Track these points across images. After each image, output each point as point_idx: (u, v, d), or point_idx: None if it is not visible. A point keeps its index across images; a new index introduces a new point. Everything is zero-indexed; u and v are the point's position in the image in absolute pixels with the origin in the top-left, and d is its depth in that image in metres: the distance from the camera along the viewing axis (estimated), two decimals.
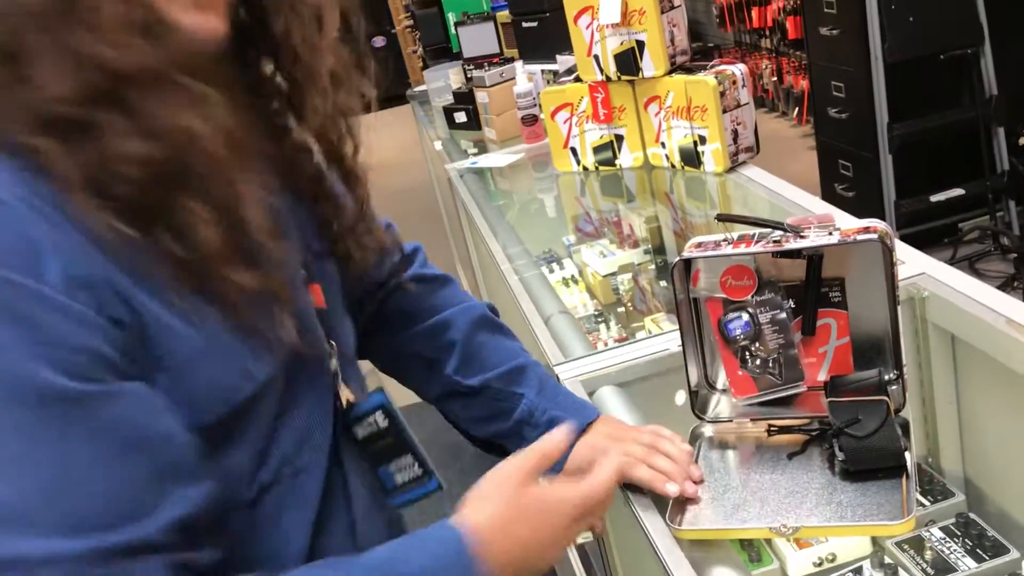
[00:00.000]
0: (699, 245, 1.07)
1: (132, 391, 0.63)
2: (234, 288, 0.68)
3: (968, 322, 1.19)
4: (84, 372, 0.60)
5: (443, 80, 3.28)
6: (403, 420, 0.90)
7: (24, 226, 0.60)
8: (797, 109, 5.23)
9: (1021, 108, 3.46)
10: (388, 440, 0.90)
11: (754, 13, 5.44)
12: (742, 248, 1.04)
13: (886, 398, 0.99)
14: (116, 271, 0.63)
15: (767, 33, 5.47)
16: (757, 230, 1.06)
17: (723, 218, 1.09)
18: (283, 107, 0.85)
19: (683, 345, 1.08)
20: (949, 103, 3.53)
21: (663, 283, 1.95)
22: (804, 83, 4.99)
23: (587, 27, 2.00)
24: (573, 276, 2.09)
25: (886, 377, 1.04)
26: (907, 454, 0.94)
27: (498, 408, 1.02)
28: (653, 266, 2.02)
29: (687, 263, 1.07)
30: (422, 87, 3.52)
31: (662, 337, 1.30)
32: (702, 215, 1.95)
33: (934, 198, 3.55)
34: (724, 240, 1.06)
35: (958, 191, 3.55)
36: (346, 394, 0.88)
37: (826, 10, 3.66)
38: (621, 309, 1.96)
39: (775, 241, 1.02)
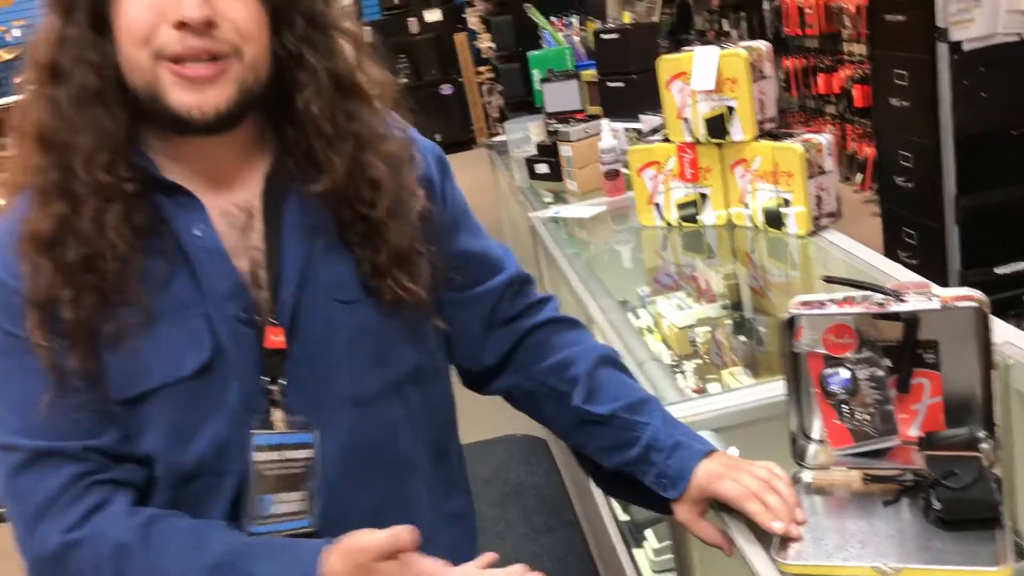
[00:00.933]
0: (804, 303, 1.16)
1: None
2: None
3: None
4: None
5: (522, 132, 3.41)
6: (315, 465, 0.99)
7: None
8: (860, 175, 5.29)
9: None
10: (290, 474, 0.99)
11: (820, 79, 5.53)
12: (846, 308, 1.12)
13: (979, 454, 1.06)
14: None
15: (833, 100, 5.55)
16: (860, 292, 1.14)
17: (830, 280, 1.18)
18: (304, 163, 0.99)
19: (787, 395, 1.17)
20: (1019, 177, 3.58)
21: (741, 338, 2.03)
22: (868, 150, 5.06)
23: (679, 91, 2.11)
24: (648, 326, 2.18)
25: (977, 435, 1.11)
26: (999, 509, 1.01)
27: (626, 436, 1.11)
28: (730, 321, 2.10)
29: (792, 319, 1.16)
30: (501, 137, 3.66)
31: (758, 387, 1.39)
32: (783, 275, 2.03)
33: (999, 270, 3.58)
34: (829, 300, 1.15)
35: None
36: (278, 418, 0.98)
37: (896, 81, 3.75)
38: (697, 361, 2.04)
39: (878, 304, 1.11)
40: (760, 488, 1.05)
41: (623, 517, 2.30)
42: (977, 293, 1.09)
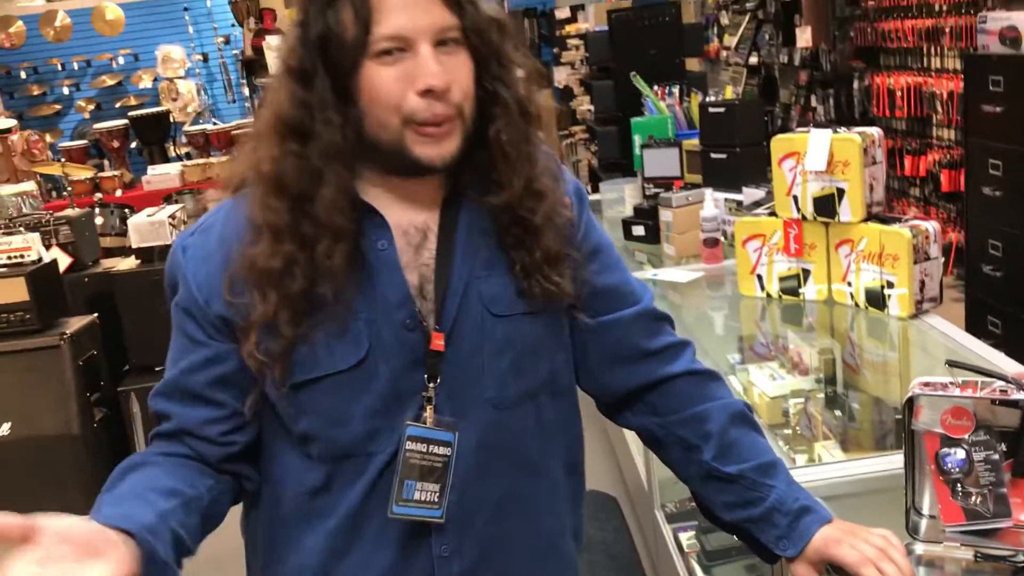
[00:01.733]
0: (926, 384, 1.23)
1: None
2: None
3: None
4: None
5: (618, 193, 3.53)
6: (452, 459, 1.11)
7: None
8: (944, 261, 5.29)
9: None
10: (432, 466, 1.10)
11: (907, 161, 5.56)
12: (968, 392, 1.19)
13: None
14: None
15: (918, 182, 5.57)
16: (981, 378, 1.21)
17: (953, 364, 1.25)
18: (481, 179, 1.13)
19: (905, 470, 1.23)
20: None
21: (836, 412, 2.09)
22: (953, 236, 5.07)
23: (791, 169, 2.20)
24: (738, 392, 2.25)
25: None
26: None
27: (751, 496, 1.19)
28: (823, 395, 2.16)
29: (912, 399, 1.23)
30: (596, 196, 3.78)
31: (867, 461, 1.45)
32: (880, 354, 2.09)
33: None
34: (950, 383, 1.22)
35: None
36: (429, 415, 1.11)
37: (991, 171, 3.78)
38: (787, 431, 2.09)
39: (1001, 391, 1.18)
40: (877, 556, 1.11)
41: None
42: None
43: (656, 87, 3.69)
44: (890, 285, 2.08)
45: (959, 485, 1.23)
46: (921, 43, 5.23)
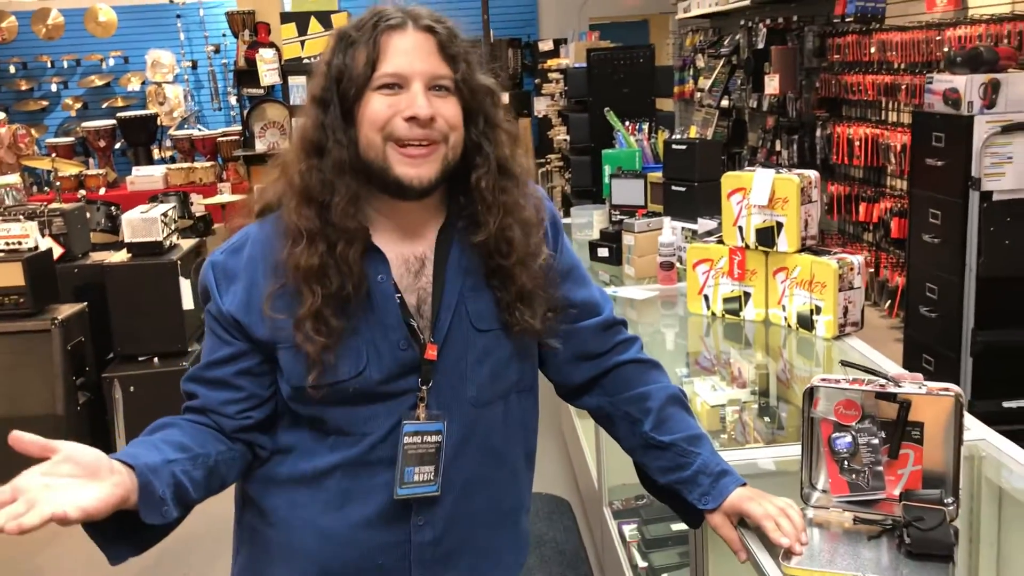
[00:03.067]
0: (824, 379, 1.49)
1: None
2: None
3: (1015, 482, 1.58)
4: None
5: (587, 217, 3.80)
6: (443, 446, 1.34)
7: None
8: (889, 302, 5.61)
9: None
10: (427, 452, 1.33)
11: (862, 207, 5.89)
12: (856, 387, 1.46)
13: (944, 509, 1.38)
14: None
15: (871, 228, 5.90)
16: (868, 376, 1.48)
17: (846, 363, 1.52)
18: (465, 221, 1.37)
19: (803, 449, 1.50)
20: None
21: (766, 419, 2.35)
22: (899, 279, 5.38)
23: (738, 203, 2.48)
24: None
25: (946, 500, 1.43)
26: (955, 548, 1.33)
27: (681, 461, 1.44)
28: (756, 405, 2.42)
29: (812, 390, 1.50)
30: (567, 220, 4.05)
31: (776, 448, 1.71)
32: (807, 370, 2.36)
33: (1007, 403, 3.86)
34: (843, 379, 1.49)
35: None
36: (421, 412, 1.33)
37: (931, 220, 4.10)
38: (724, 436, 2.35)
39: (880, 385, 1.45)
40: (777, 513, 1.37)
41: (642, 564, 2.60)
42: (956, 388, 1.43)
43: (627, 123, 3.98)
44: (818, 310, 2.36)
45: (846, 463, 1.49)
46: (880, 97, 5.57)
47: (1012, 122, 3.71)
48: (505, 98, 1.43)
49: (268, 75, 7.19)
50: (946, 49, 4.61)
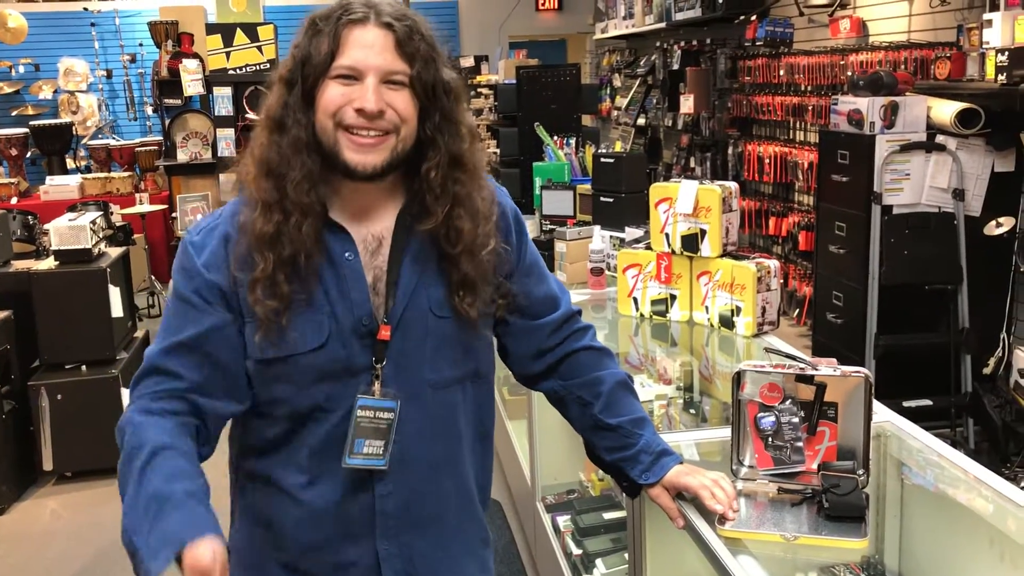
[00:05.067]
0: (750, 364, 1.66)
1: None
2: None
3: (916, 457, 1.77)
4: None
5: None
6: (394, 424, 1.42)
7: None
8: (798, 311, 5.91)
9: (987, 343, 4.11)
10: (377, 427, 1.41)
11: (772, 222, 6.19)
12: (778, 370, 1.63)
13: (857, 478, 1.56)
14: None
15: (780, 241, 6.21)
16: (789, 361, 1.65)
17: (769, 350, 1.69)
18: (419, 208, 1.46)
19: (732, 428, 1.66)
20: (929, 327, 4.17)
21: (691, 411, 2.53)
22: (808, 290, 5.68)
23: (664, 212, 2.66)
24: None
25: (858, 472, 1.61)
26: (866, 511, 1.50)
27: (625, 441, 1.58)
28: (681, 400, 2.59)
29: (740, 373, 1.66)
30: None
31: (711, 431, 1.88)
32: (728, 366, 2.54)
33: (906, 403, 4.13)
34: (767, 364, 1.66)
35: (927, 401, 4.12)
36: (376, 389, 1.41)
37: (837, 232, 4.38)
38: None
39: (800, 369, 1.62)
40: (712, 485, 1.53)
41: (576, 551, 2.74)
42: (865, 370, 1.61)
43: (556, 137, 4.15)
44: (738, 310, 2.55)
45: (770, 440, 1.66)
46: (788, 117, 5.88)
47: (910, 141, 4.01)
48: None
49: (191, 85, 7.16)
50: (849, 73, 4.92)
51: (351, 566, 1.48)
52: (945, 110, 3.91)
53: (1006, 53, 3.53)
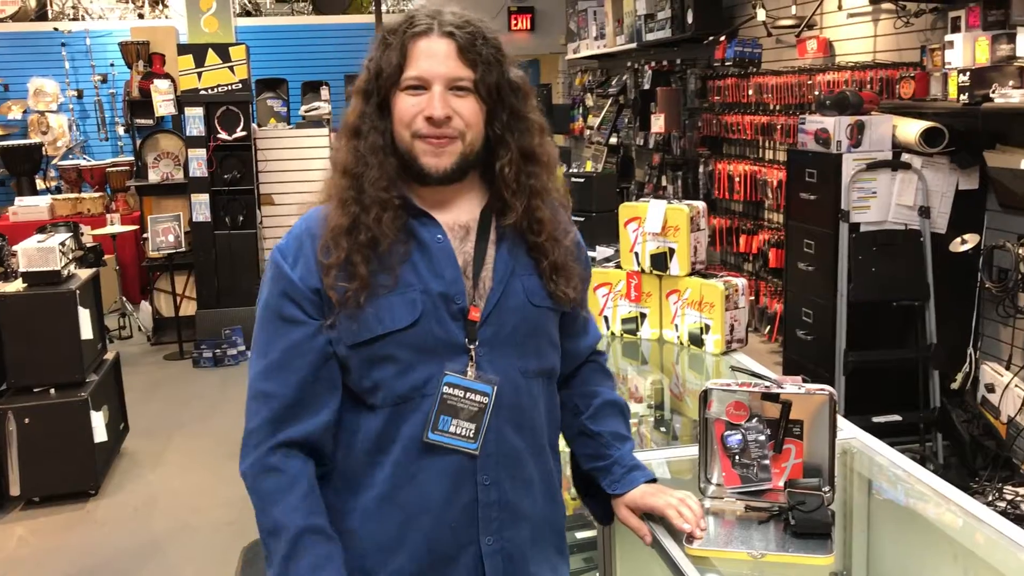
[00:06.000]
0: (716, 383, 1.68)
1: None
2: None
3: (882, 474, 1.79)
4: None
5: None
6: (490, 408, 1.44)
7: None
8: (769, 328, 5.95)
9: (955, 358, 4.16)
10: (468, 409, 1.44)
11: (742, 239, 6.25)
12: (744, 389, 1.65)
13: (822, 495, 1.58)
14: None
15: (750, 258, 6.26)
16: (755, 379, 1.67)
17: (736, 368, 1.71)
18: (501, 204, 1.51)
19: (700, 447, 1.67)
20: (897, 343, 4.21)
21: (662, 429, 2.54)
22: (778, 306, 5.72)
23: (634, 231, 2.68)
24: None
25: (824, 489, 1.63)
26: (832, 527, 1.52)
27: (603, 451, 1.61)
28: (652, 418, 2.61)
29: (707, 392, 1.68)
30: None
31: (682, 448, 1.89)
32: (698, 384, 2.56)
33: (876, 419, 4.17)
34: (733, 383, 1.67)
35: (896, 417, 4.16)
36: (471, 371, 1.45)
37: (805, 249, 4.42)
38: None
39: (766, 387, 1.64)
40: (678, 503, 1.54)
41: None
42: (830, 388, 1.63)
43: None
44: (707, 328, 2.57)
45: (737, 458, 1.67)
46: (757, 136, 5.94)
47: (876, 160, 4.06)
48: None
49: (163, 106, 7.12)
50: (816, 93, 4.99)
51: (453, 564, 1.47)
52: (910, 129, 3.97)
53: (967, 73, 3.59)
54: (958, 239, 3.98)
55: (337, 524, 1.46)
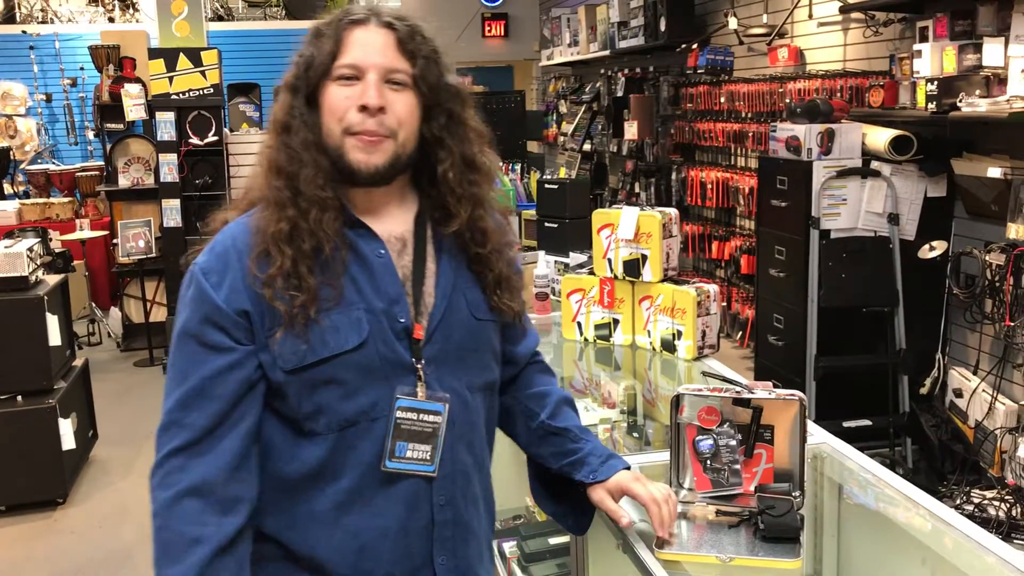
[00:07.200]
0: (688, 388, 1.69)
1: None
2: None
3: (852, 479, 1.81)
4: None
5: None
6: (443, 427, 1.39)
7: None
8: (741, 333, 5.99)
9: (924, 363, 4.21)
10: (423, 431, 1.37)
11: (714, 246, 6.29)
12: (715, 394, 1.66)
13: (792, 499, 1.59)
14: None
15: (723, 264, 6.31)
16: (726, 384, 1.68)
17: (707, 373, 1.72)
18: (438, 211, 1.45)
19: (671, 452, 1.68)
20: (867, 348, 4.26)
21: (635, 435, 2.55)
22: (750, 312, 5.77)
23: (607, 237, 2.69)
24: None
25: (794, 493, 1.64)
26: (801, 532, 1.53)
27: (573, 446, 1.58)
28: (625, 424, 2.61)
29: (679, 397, 1.68)
30: None
31: (655, 454, 1.90)
32: (671, 389, 2.56)
33: (846, 424, 4.21)
34: (704, 388, 1.68)
35: (867, 421, 4.20)
36: (420, 391, 1.38)
37: (776, 255, 4.46)
38: None
39: (737, 392, 1.65)
40: (662, 498, 1.52)
41: None
42: (800, 394, 1.64)
43: (502, 163, 4.18)
44: (679, 334, 2.58)
45: (708, 463, 1.68)
46: (729, 144, 6.00)
47: (845, 167, 4.11)
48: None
49: (134, 110, 7.05)
50: (787, 101, 5.04)
51: None
52: (879, 137, 4.02)
53: (935, 82, 3.64)
54: (926, 246, 4.03)
55: (288, 553, 1.40)
